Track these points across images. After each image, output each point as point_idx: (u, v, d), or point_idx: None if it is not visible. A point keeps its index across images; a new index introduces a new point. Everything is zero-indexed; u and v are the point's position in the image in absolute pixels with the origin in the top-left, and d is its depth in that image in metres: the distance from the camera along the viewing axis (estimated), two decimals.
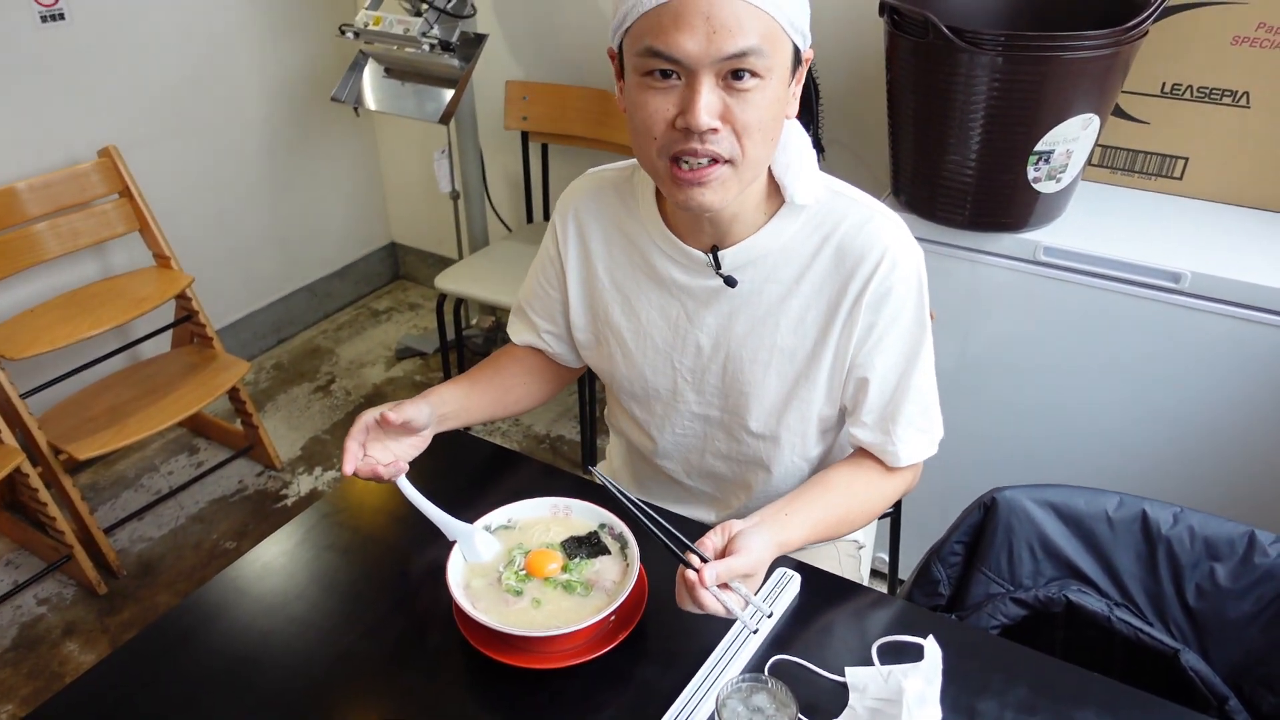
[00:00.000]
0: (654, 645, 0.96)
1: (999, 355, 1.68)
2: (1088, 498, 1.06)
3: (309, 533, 1.15)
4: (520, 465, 1.27)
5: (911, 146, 1.60)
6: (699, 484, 1.24)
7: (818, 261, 1.01)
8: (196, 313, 2.32)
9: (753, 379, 1.08)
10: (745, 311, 1.05)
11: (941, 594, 1.11)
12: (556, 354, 1.24)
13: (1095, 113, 1.45)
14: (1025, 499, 1.06)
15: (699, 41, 0.85)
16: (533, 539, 1.04)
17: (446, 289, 2.38)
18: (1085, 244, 1.54)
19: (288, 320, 3.08)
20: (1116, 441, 1.62)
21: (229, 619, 1.02)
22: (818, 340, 1.04)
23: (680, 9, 0.84)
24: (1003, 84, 1.40)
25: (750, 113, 0.88)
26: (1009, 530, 1.06)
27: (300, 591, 1.06)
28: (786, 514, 0.97)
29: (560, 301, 1.18)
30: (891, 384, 1.04)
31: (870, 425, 1.05)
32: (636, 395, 1.18)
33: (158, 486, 2.44)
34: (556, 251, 1.16)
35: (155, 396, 2.19)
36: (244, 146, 2.77)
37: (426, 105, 2.44)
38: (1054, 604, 1.04)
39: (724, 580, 0.86)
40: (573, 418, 2.67)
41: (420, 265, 3.37)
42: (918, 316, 1.02)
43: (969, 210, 1.56)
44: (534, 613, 0.95)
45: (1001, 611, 1.05)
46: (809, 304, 1.03)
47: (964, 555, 1.11)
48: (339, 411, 2.73)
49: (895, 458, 1.04)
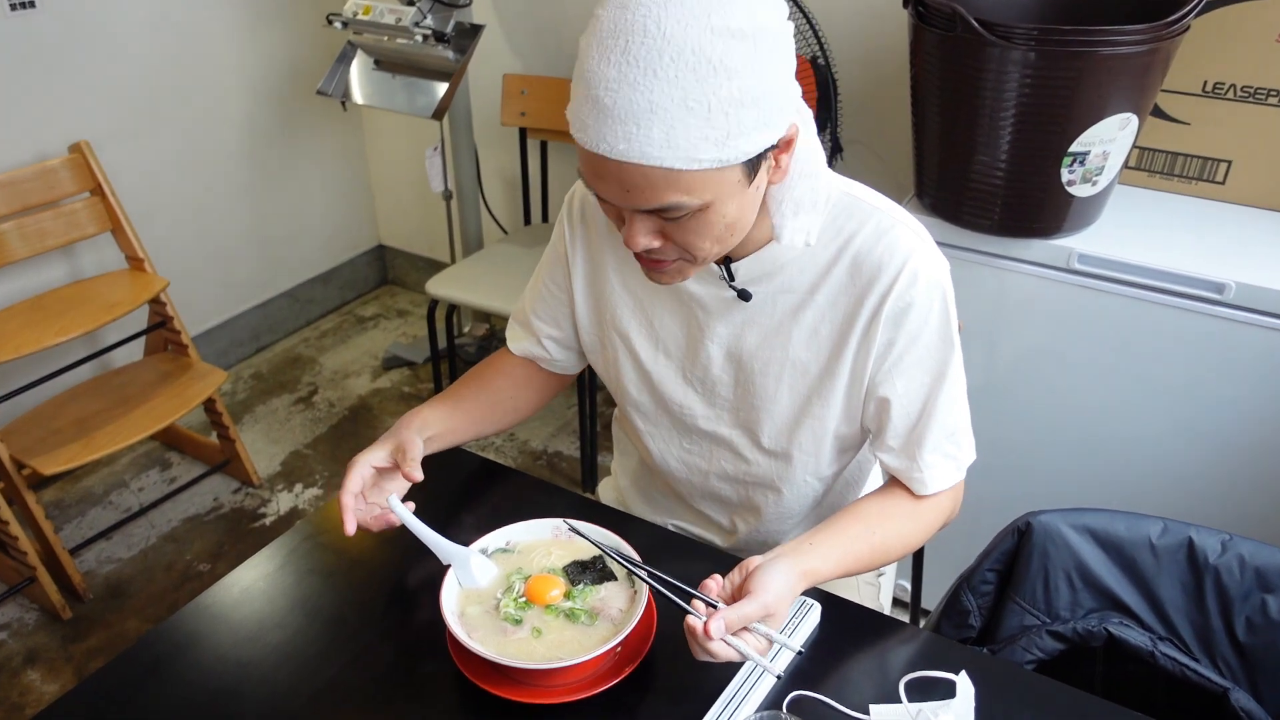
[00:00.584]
0: (663, 680, 0.95)
1: (1028, 369, 1.67)
2: (1129, 523, 1.05)
3: (290, 555, 1.14)
4: (518, 483, 1.26)
5: (937, 147, 1.59)
6: (704, 506, 1.23)
7: (834, 272, 1.00)
8: (171, 318, 2.31)
9: (764, 392, 1.08)
10: (758, 322, 1.05)
11: (972, 625, 1.10)
12: (556, 361, 1.23)
13: (1133, 112, 1.45)
14: (1062, 524, 1.04)
15: (614, 196, 0.86)
16: (533, 563, 1.02)
17: (438, 294, 2.37)
18: (1122, 251, 1.53)
19: (267, 327, 3.07)
20: (1157, 463, 1.61)
21: (204, 648, 1.01)
22: (832, 355, 1.03)
23: (595, 162, 0.84)
24: (1035, 81, 1.40)
25: (692, 236, 0.89)
26: (1045, 557, 1.05)
27: (281, 619, 1.05)
28: (811, 543, 0.95)
29: (567, 304, 1.18)
30: (916, 406, 1.02)
31: (895, 450, 1.04)
32: (641, 406, 1.17)
33: (127, 504, 2.42)
34: (564, 248, 1.15)
35: (126, 408, 2.18)
36: (223, 142, 2.77)
37: (418, 100, 2.44)
38: (1094, 637, 1.03)
39: (736, 628, 0.84)
40: (571, 433, 2.66)
41: (409, 269, 3.36)
42: (942, 333, 1.01)
43: (998, 214, 1.56)
44: (534, 643, 0.94)
45: (1037, 645, 1.03)
46: (823, 316, 1.02)
47: (996, 584, 1.10)
48: (321, 425, 2.72)
49: (922, 485, 1.03)
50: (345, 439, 2.66)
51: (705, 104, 0.78)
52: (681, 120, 0.79)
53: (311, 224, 3.12)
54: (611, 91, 0.79)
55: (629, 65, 0.78)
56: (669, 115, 0.78)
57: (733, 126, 0.80)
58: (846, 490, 1.23)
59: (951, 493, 1.06)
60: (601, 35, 0.79)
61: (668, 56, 0.77)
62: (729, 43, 0.77)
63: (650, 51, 0.77)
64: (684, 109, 0.78)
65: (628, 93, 0.78)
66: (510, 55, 2.67)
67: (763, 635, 0.86)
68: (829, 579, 0.96)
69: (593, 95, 0.80)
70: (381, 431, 2.68)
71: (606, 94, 0.79)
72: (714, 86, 0.78)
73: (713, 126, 0.80)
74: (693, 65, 0.77)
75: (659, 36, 0.77)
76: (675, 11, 0.77)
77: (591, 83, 0.80)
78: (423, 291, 3.34)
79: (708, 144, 0.80)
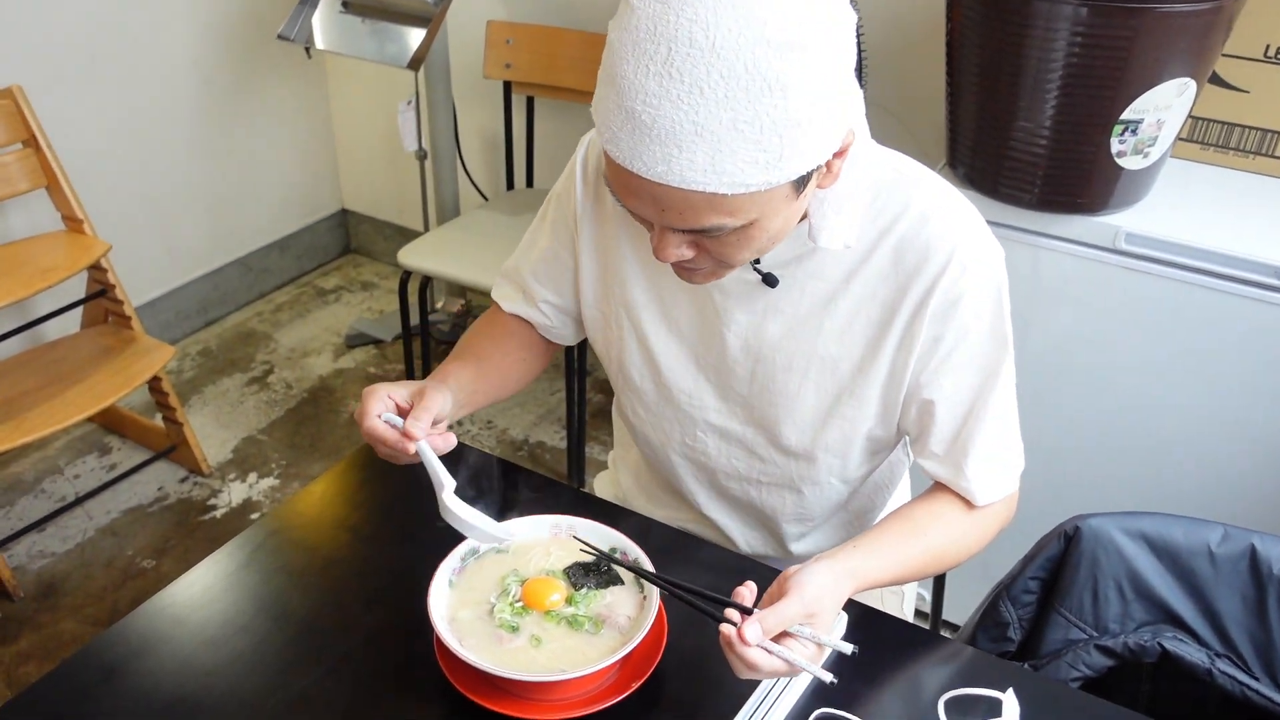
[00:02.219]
0: (675, 695, 0.95)
1: (1067, 358, 1.67)
2: (1186, 528, 1.05)
3: (255, 552, 1.13)
4: (510, 476, 1.25)
5: (974, 112, 1.59)
6: (710, 508, 1.23)
7: (873, 258, 0.98)
8: (113, 286, 2.28)
9: (786, 389, 1.06)
10: (783, 310, 1.03)
11: (1011, 639, 1.10)
12: (552, 328, 1.21)
13: (1192, 77, 1.45)
14: (1114, 529, 1.05)
15: (648, 214, 0.85)
16: (530, 565, 1.02)
17: (410, 266, 2.35)
18: (1174, 231, 1.53)
19: (217, 299, 3.04)
20: (1210, 463, 1.62)
21: (162, 654, 1.00)
22: (866, 352, 1.02)
23: (628, 177, 0.82)
24: (1086, 40, 1.39)
25: (730, 251, 0.88)
26: (1094, 565, 1.05)
27: (247, 622, 1.04)
28: (855, 545, 0.95)
29: (572, 269, 1.15)
30: (963, 409, 1.01)
31: (940, 457, 1.03)
32: (644, 393, 1.15)
33: (62, 493, 2.40)
34: (573, 207, 1.11)
35: (61, 386, 2.15)
36: (172, 91, 2.73)
37: (390, 47, 2.41)
38: (1146, 653, 1.03)
39: (775, 632, 0.83)
40: (555, 421, 2.65)
41: (376, 237, 3.34)
42: (995, 329, 0.99)
43: (1039, 187, 1.56)
44: (533, 653, 0.93)
45: (1084, 661, 1.04)
46: (859, 307, 1.00)
47: (1039, 594, 1.10)
48: (277, 408, 2.70)
49: (970, 495, 1.03)
50: (304, 424, 2.64)
51: (757, 125, 0.76)
52: (729, 143, 0.76)
53: (268, 185, 3.09)
54: (651, 108, 0.76)
55: (672, 79, 0.75)
56: (716, 138, 0.76)
57: (786, 148, 0.78)
58: (875, 494, 1.23)
59: (1007, 499, 1.06)
60: (638, 37, 0.76)
61: (717, 73, 0.74)
62: (785, 56, 0.75)
63: (698, 66, 0.74)
64: (733, 131, 0.76)
65: (670, 110, 0.76)
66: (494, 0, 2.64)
67: (809, 640, 0.85)
68: (878, 584, 0.95)
69: (627, 107, 0.78)
70: (344, 416, 2.71)
71: (645, 109, 0.77)
72: (768, 106, 0.75)
73: (764, 149, 0.77)
74: (745, 83, 0.74)
75: (708, 49, 0.74)
76: (727, 19, 0.74)
77: (626, 93, 0.77)
78: (390, 262, 3.34)
79: (756, 167, 0.78)
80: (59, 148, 2.25)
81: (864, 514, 1.24)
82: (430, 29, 2.29)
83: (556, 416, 2.66)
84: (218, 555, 1.12)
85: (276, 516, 1.21)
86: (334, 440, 2.59)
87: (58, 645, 2.02)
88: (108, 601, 2.12)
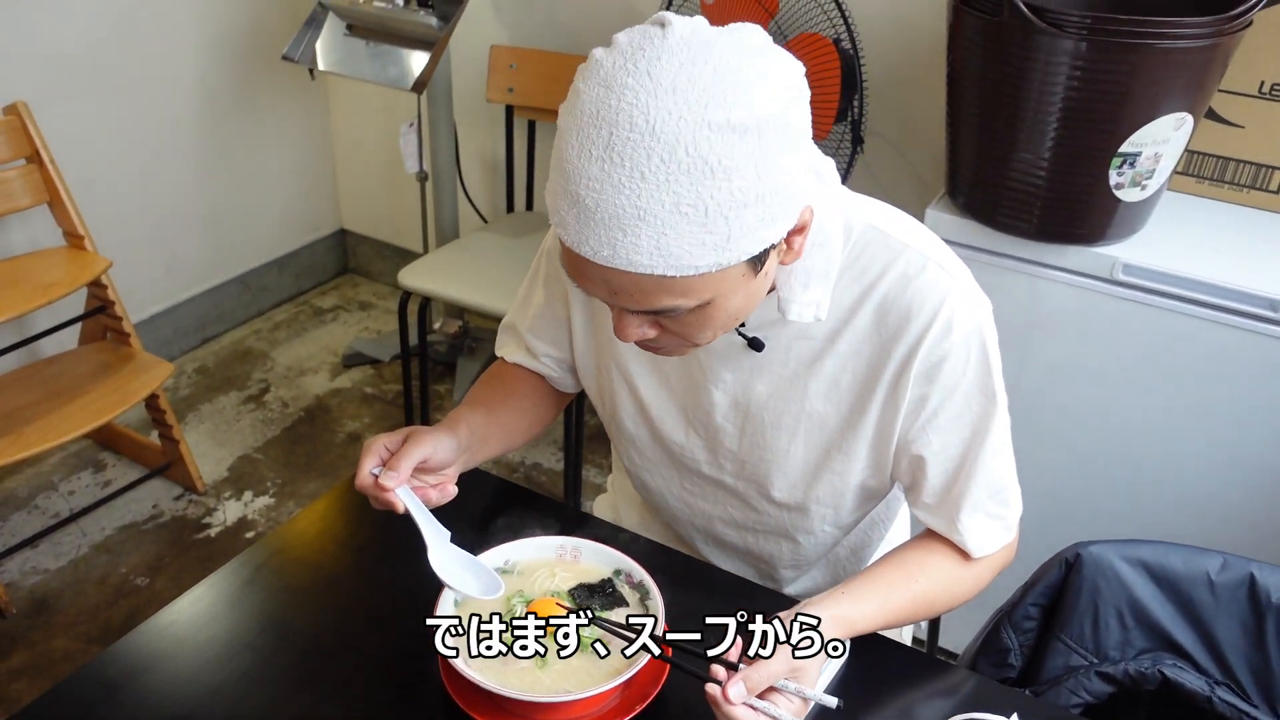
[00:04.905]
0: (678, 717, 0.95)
1: (1064, 387, 1.68)
2: (1186, 557, 1.06)
3: (259, 570, 1.13)
4: (516, 498, 1.25)
5: (974, 142, 1.60)
6: (708, 551, 1.23)
7: (857, 317, 0.97)
8: (113, 303, 2.28)
9: (775, 446, 1.06)
10: (769, 371, 1.02)
11: (1012, 665, 1.10)
12: (557, 379, 1.20)
13: (1189, 112, 1.47)
14: (1114, 556, 1.05)
15: (601, 295, 0.84)
16: (535, 586, 1.02)
17: (411, 286, 2.36)
18: (1170, 262, 1.55)
19: (215, 316, 3.04)
20: (1212, 492, 1.63)
21: (165, 672, 1.00)
22: (854, 408, 1.01)
23: (577, 259, 0.81)
24: (1086, 74, 1.41)
25: (692, 330, 0.88)
26: (1095, 592, 1.06)
27: (250, 640, 1.04)
28: (844, 591, 0.95)
29: (565, 321, 1.14)
30: (953, 464, 1.01)
31: (932, 507, 1.04)
32: (638, 441, 1.15)
33: (56, 509, 2.39)
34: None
35: (58, 401, 2.15)
36: (174, 109, 2.74)
37: (391, 70, 2.43)
38: (1146, 680, 1.04)
39: (760, 688, 0.83)
40: (552, 443, 2.65)
41: (374, 258, 3.34)
42: (983, 385, 0.98)
43: (1037, 218, 1.57)
44: (538, 673, 0.93)
45: (1085, 687, 1.04)
46: (844, 365, 1.00)
47: (1040, 620, 1.10)
48: (274, 426, 2.69)
49: (965, 546, 1.03)
50: (300, 443, 2.64)
51: (701, 208, 0.75)
52: (674, 226, 0.76)
53: (267, 203, 3.09)
54: (594, 192, 0.76)
55: (613, 164, 0.74)
56: (659, 221, 0.75)
57: (734, 230, 0.77)
58: (871, 530, 1.23)
59: (1005, 547, 1.05)
60: (582, 121, 0.76)
61: (658, 156, 0.73)
62: (728, 138, 0.74)
63: (638, 150, 0.74)
64: (676, 214, 0.75)
65: (611, 195, 0.75)
66: (498, 24, 2.66)
67: (794, 694, 0.85)
68: (865, 630, 0.96)
69: (572, 192, 0.77)
70: (341, 436, 2.70)
71: (589, 194, 0.76)
72: (711, 189, 0.75)
73: (710, 231, 0.76)
74: (686, 166, 0.74)
75: (648, 132, 0.73)
76: (666, 103, 0.73)
77: (571, 177, 0.77)
78: (387, 282, 3.34)
79: (704, 249, 0.77)
80: (61, 164, 2.25)
81: (860, 550, 1.25)
82: (435, 52, 2.31)
83: (553, 439, 2.67)
84: (221, 573, 1.12)
85: (279, 535, 1.21)
86: (330, 460, 2.59)
87: (49, 663, 2.01)
88: (100, 619, 2.10)
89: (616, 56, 0.76)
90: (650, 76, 0.74)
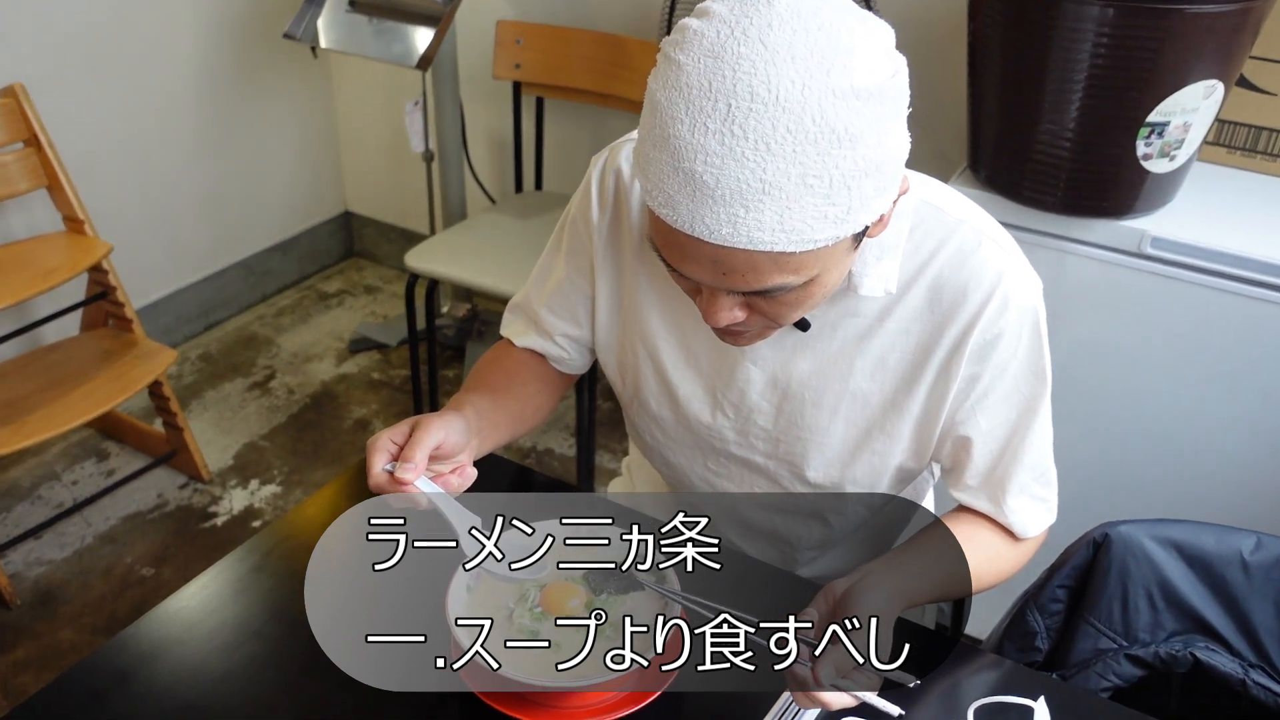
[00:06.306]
0: (697, 702, 0.95)
1: (1091, 365, 1.68)
2: (1218, 536, 1.06)
3: (267, 557, 1.14)
4: (527, 481, 1.25)
5: (996, 113, 1.59)
6: (729, 532, 1.23)
7: (909, 296, 0.97)
8: (114, 289, 2.29)
9: (815, 425, 1.05)
10: (813, 348, 1.02)
11: (1039, 648, 1.11)
12: (568, 360, 1.19)
13: (1219, 79, 1.46)
14: (1144, 536, 1.05)
15: (706, 277, 0.83)
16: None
17: (418, 269, 2.36)
18: (1200, 236, 1.54)
19: (219, 302, 3.05)
20: (1244, 470, 1.63)
21: (174, 659, 1.01)
22: (899, 388, 1.01)
23: (683, 242, 0.80)
24: (1112, 41, 1.40)
25: (786, 311, 0.87)
26: (1124, 573, 1.06)
27: (260, 627, 1.05)
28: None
29: (590, 295, 1.13)
30: (999, 445, 1.01)
31: (975, 489, 1.04)
32: (661, 421, 1.15)
33: (59, 499, 2.40)
34: (589, 233, 1.09)
35: (60, 389, 2.16)
36: (175, 90, 2.74)
37: (395, 47, 2.42)
38: (1178, 663, 1.04)
39: (848, 669, 0.82)
40: (564, 428, 2.66)
41: (380, 241, 3.35)
42: (1033, 364, 0.99)
43: (1062, 190, 1.57)
44: (552, 659, 0.93)
45: (1114, 670, 1.04)
46: (893, 344, 1.00)
47: (1067, 603, 1.10)
48: (279, 414, 2.71)
49: (1011, 527, 1.03)
50: (307, 430, 2.65)
51: (826, 179, 0.75)
52: (799, 199, 0.75)
53: (270, 186, 3.10)
54: (714, 168, 0.74)
55: (734, 137, 0.73)
56: (784, 194, 0.75)
57: (854, 200, 0.77)
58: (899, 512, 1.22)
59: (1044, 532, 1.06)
60: (689, 93, 0.75)
61: (784, 126, 0.73)
62: (853, 105, 0.74)
63: (761, 120, 0.73)
64: (802, 186, 0.75)
65: (734, 170, 0.74)
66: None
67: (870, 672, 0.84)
68: (919, 604, 0.96)
69: (686, 169, 0.76)
70: (348, 423, 2.71)
71: (707, 170, 0.75)
72: (837, 159, 0.74)
73: (833, 203, 0.76)
74: (814, 136, 0.73)
75: (771, 102, 0.72)
76: (787, 71, 0.72)
77: (683, 153, 0.75)
78: (393, 266, 3.35)
79: (825, 222, 0.77)
80: (60, 147, 2.26)
81: (885, 531, 1.24)
82: (440, 28, 2.31)
83: (565, 423, 2.67)
84: (229, 559, 1.13)
85: (288, 521, 1.21)
86: (337, 447, 2.60)
87: (55, 654, 2.02)
88: (106, 610, 2.12)
89: (719, 25, 0.75)
90: (765, 44, 0.73)
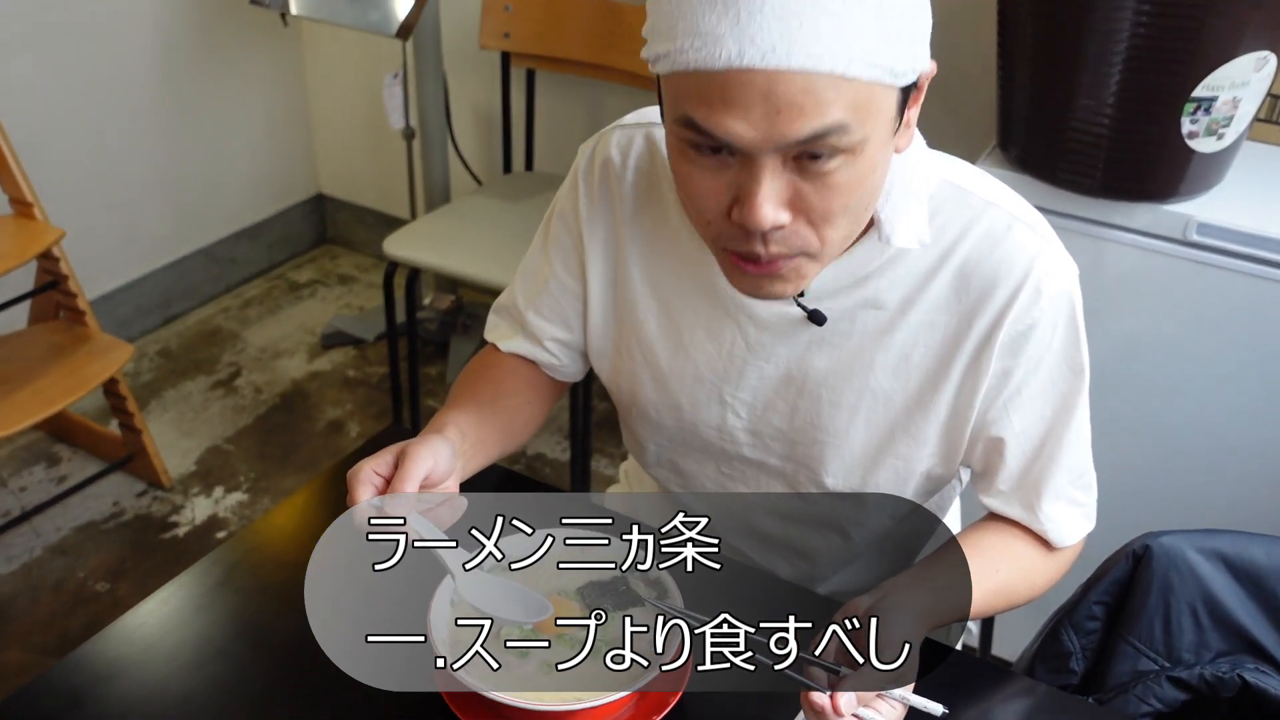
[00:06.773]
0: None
1: (1132, 361, 1.68)
2: (1268, 548, 1.06)
3: (232, 570, 1.14)
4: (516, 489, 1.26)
5: (1029, 89, 1.60)
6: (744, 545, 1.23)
7: (934, 285, 0.97)
8: (66, 278, 2.29)
9: (833, 426, 1.05)
10: (831, 343, 1.02)
11: (1074, 670, 1.11)
12: (560, 367, 1.18)
13: (1272, 50, 1.46)
14: (1188, 548, 1.06)
15: (756, 125, 0.80)
16: (539, 583, 1.02)
17: (397, 256, 2.36)
18: (1251, 221, 1.55)
19: (180, 292, 3.06)
20: None
21: (132, 680, 1.01)
22: (926, 385, 1.01)
23: (729, 84, 0.78)
24: (1155, 9, 1.41)
25: (833, 198, 0.84)
26: (1166, 589, 1.06)
27: (225, 645, 1.05)
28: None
29: (580, 298, 1.13)
30: (1033, 446, 1.01)
31: (1007, 495, 1.04)
32: (664, 427, 1.14)
33: (5, 507, 2.41)
34: (578, 226, 1.09)
35: (6, 388, 2.16)
36: (131, 61, 2.74)
37: (372, 14, 2.43)
38: (1224, 686, 1.04)
39: (870, 698, 0.83)
40: (556, 431, 2.66)
41: (355, 226, 3.35)
42: (1069, 357, 0.99)
43: (1101, 172, 1.57)
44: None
45: (1155, 694, 1.05)
46: (916, 339, 0.99)
47: (1105, 620, 1.11)
48: (246, 414, 2.71)
49: (1047, 536, 1.03)
50: (275, 433, 2.66)
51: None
52: (852, 10, 0.76)
53: (236, 166, 3.10)
54: None
55: None
56: (837, 3, 0.76)
57: (905, 24, 0.80)
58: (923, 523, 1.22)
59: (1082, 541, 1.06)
60: None
61: None
62: None
63: None
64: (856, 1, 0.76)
65: None
66: None
67: (896, 700, 0.84)
68: (947, 624, 0.96)
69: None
70: (320, 424, 2.72)
71: None
72: None
73: (884, 19, 0.78)
74: None
75: None
76: None
77: None
78: (371, 253, 3.36)
79: (881, 43, 0.78)
80: (5, 122, 2.26)
81: (909, 545, 1.24)
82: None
83: (558, 426, 2.68)
84: (190, 573, 1.13)
85: (255, 531, 1.22)
86: (308, 451, 2.60)
87: (1, 677, 2.03)
88: (57, 628, 2.12)
89: None
90: None
